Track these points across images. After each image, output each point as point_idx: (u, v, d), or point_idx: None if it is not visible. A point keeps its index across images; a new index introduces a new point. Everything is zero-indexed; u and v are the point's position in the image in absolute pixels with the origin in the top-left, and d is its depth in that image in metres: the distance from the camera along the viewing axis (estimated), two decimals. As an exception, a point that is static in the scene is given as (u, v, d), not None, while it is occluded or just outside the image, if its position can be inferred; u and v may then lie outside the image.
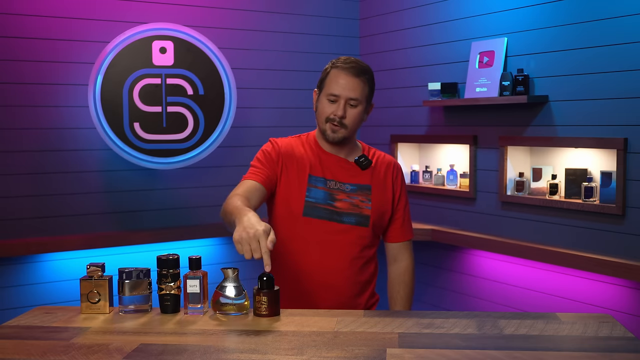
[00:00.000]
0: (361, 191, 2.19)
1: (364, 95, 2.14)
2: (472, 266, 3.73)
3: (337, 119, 2.11)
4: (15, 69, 3.46)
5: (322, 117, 2.15)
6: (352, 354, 1.55)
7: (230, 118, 3.74)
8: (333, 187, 2.17)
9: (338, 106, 2.12)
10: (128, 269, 1.89)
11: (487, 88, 3.45)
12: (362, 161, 2.21)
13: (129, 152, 3.55)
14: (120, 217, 3.75)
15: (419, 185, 3.99)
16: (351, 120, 2.14)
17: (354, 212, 2.17)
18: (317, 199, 2.15)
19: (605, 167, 3.05)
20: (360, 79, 2.13)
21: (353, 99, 2.12)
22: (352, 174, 2.21)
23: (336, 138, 2.15)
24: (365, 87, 2.15)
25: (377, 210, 2.21)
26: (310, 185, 2.16)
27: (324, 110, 2.14)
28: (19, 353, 1.57)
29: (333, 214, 2.15)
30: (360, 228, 2.18)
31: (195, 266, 1.89)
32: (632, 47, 2.88)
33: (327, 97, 2.14)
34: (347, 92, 2.11)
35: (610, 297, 3.04)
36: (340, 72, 2.13)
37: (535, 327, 1.74)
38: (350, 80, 2.12)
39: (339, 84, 2.12)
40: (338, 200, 2.16)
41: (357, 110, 2.14)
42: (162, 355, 1.55)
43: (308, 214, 2.14)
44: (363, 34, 4.38)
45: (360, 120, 2.17)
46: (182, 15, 3.82)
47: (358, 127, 2.19)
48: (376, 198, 2.21)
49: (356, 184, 2.20)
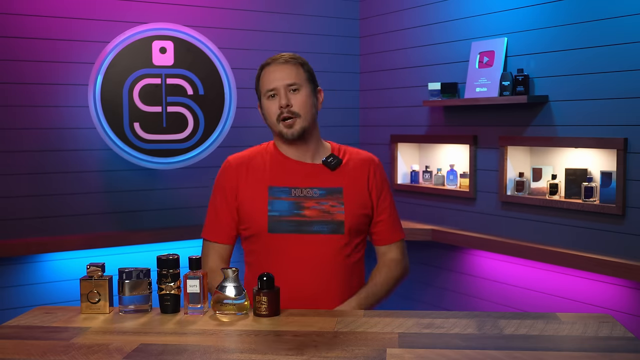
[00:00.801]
0: (331, 195, 2.03)
1: (301, 78, 2.03)
2: (472, 266, 3.73)
3: (284, 110, 2.00)
4: (15, 69, 3.46)
5: (271, 118, 2.04)
6: (352, 354, 1.55)
7: (230, 118, 3.74)
8: (299, 194, 2.02)
9: (280, 97, 2.01)
10: (128, 269, 1.89)
11: (487, 88, 3.45)
12: (331, 161, 2.06)
13: (129, 152, 3.54)
14: (120, 217, 3.75)
15: (419, 185, 3.99)
16: (300, 106, 2.01)
17: (326, 219, 2.01)
18: (282, 212, 2.01)
19: (605, 167, 3.05)
20: (291, 64, 2.03)
21: (291, 84, 2.01)
22: (320, 178, 2.05)
23: (295, 132, 2.01)
24: (300, 70, 2.03)
25: (353, 213, 2.03)
26: (271, 198, 2.02)
27: (270, 110, 2.03)
28: (19, 353, 1.57)
29: (301, 225, 2.00)
30: (334, 236, 2.01)
31: (195, 266, 1.88)
32: (632, 47, 2.88)
33: (266, 97, 2.04)
34: (282, 80, 2.01)
35: (610, 297, 3.04)
36: (269, 67, 2.05)
37: (535, 327, 1.74)
38: (280, 69, 2.02)
39: (271, 78, 2.02)
40: (306, 209, 2.01)
41: (302, 95, 2.02)
42: (162, 355, 1.55)
43: (274, 229, 2.00)
44: (363, 34, 4.38)
45: (311, 105, 2.04)
46: (182, 15, 3.82)
47: (313, 115, 2.05)
48: (350, 200, 2.04)
49: (325, 187, 2.04)
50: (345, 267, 2.04)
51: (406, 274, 2.18)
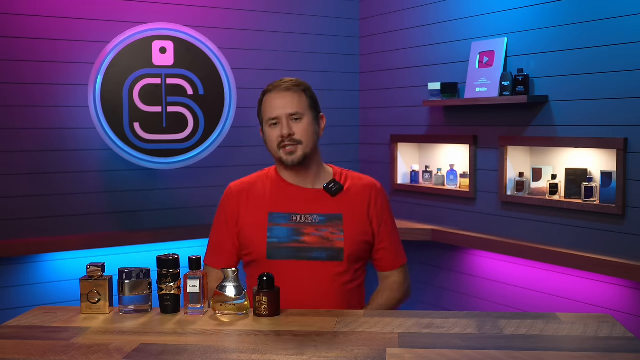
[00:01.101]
0: (331, 222, 2.03)
1: (304, 107, 2.03)
2: (472, 266, 3.73)
3: (285, 139, 2.00)
4: (15, 69, 3.46)
5: (272, 145, 2.04)
6: (352, 354, 1.55)
7: (230, 118, 3.74)
8: (298, 220, 2.02)
9: (281, 126, 2.01)
10: (128, 269, 1.89)
11: (487, 88, 3.45)
12: (332, 187, 2.05)
13: (129, 152, 3.54)
14: (120, 217, 3.75)
15: (419, 185, 3.99)
16: (302, 134, 2.01)
17: (325, 246, 2.01)
18: (281, 238, 2.01)
19: (605, 167, 3.05)
20: (293, 91, 2.03)
21: (293, 114, 2.01)
22: (320, 203, 2.04)
23: (295, 160, 2.02)
24: (302, 98, 2.04)
25: (352, 240, 2.03)
26: (270, 225, 2.02)
27: (271, 137, 2.04)
28: (19, 353, 1.57)
29: (300, 252, 2.00)
30: (333, 263, 2.01)
31: (195, 266, 1.89)
32: (632, 47, 2.88)
33: (268, 125, 2.04)
34: (284, 109, 2.01)
35: (610, 297, 3.04)
36: (271, 94, 2.05)
37: (535, 327, 1.74)
38: (283, 97, 2.02)
39: (273, 106, 2.03)
40: (306, 235, 2.01)
41: (304, 123, 2.02)
42: (162, 355, 1.55)
43: (272, 255, 2.01)
44: (363, 34, 4.38)
45: (313, 132, 2.05)
46: (182, 15, 3.82)
47: (315, 142, 2.06)
48: (350, 227, 2.03)
49: (325, 213, 2.03)
50: (344, 293, 2.04)
51: (407, 296, 2.21)
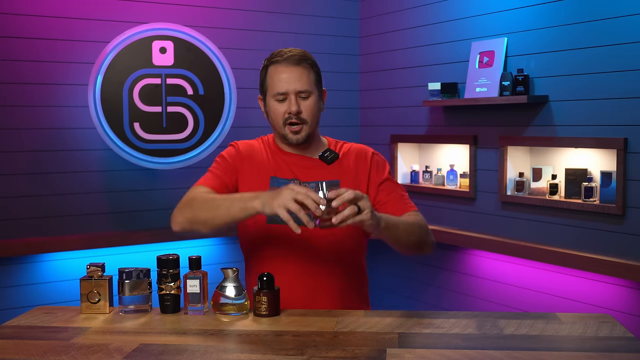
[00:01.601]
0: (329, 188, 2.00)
1: (312, 84, 1.97)
2: (472, 266, 3.73)
3: (293, 116, 1.95)
4: (15, 69, 3.46)
5: (277, 121, 1.99)
6: (352, 354, 1.55)
7: (230, 118, 3.74)
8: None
9: (290, 102, 1.95)
10: (128, 269, 1.89)
11: (487, 88, 3.45)
12: (327, 155, 2.03)
13: (129, 152, 3.55)
14: (120, 217, 3.75)
15: (419, 185, 3.99)
16: (309, 113, 1.97)
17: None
18: None
19: (605, 167, 3.05)
20: (302, 66, 1.96)
21: (302, 92, 1.96)
22: (317, 172, 2.02)
23: (300, 139, 1.98)
24: (311, 74, 1.98)
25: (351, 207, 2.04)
26: (272, 188, 1.96)
27: (277, 113, 1.98)
28: (19, 353, 1.57)
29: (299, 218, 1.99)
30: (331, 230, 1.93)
31: (195, 266, 1.89)
32: (632, 47, 2.88)
33: (274, 98, 1.97)
34: (294, 85, 1.95)
35: (610, 297, 3.04)
36: (279, 66, 1.97)
37: (535, 327, 1.74)
38: (293, 71, 1.95)
39: (282, 80, 1.95)
40: None
41: (311, 101, 1.97)
42: (162, 355, 1.55)
43: (273, 220, 1.93)
44: (363, 34, 4.38)
45: (318, 110, 2.01)
46: (182, 15, 3.82)
47: (318, 119, 2.02)
48: None
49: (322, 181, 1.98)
50: (343, 262, 2.01)
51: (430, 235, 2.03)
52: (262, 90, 2.05)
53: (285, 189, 1.69)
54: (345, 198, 1.67)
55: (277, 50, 2.02)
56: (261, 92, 2.05)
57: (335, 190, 1.70)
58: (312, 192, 1.67)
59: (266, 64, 2.02)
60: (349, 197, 1.68)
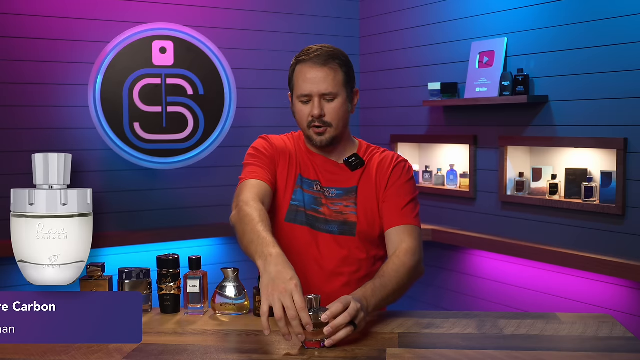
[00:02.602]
0: (347, 195, 1.94)
1: (338, 85, 1.88)
2: (472, 266, 3.73)
3: (315, 119, 1.88)
4: (15, 69, 3.46)
5: (302, 122, 1.92)
6: (352, 354, 1.55)
7: (230, 118, 3.74)
8: (319, 190, 1.94)
9: (313, 105, 1.88)
10: (128, 269, 1.89)
11: (487, 88, 3.44)
12: (352, 161, 1.96)
13: (129, 152, 3.54)
14: (120, 217, 3.75)
15: (419, 185, 3.99)
16: (333, 117, 1.89)
17: (338, 219, 1.92)
18: (303, 203, 1.92)
19: (605, 167, 3.05)
20: (329, 67, 1.87)
21: (327, 94, 1.87)
22: (340, 177, 1.96)
23: (324, 141, 1.91)
24: (339, 74, 1.88)
25: (366, 214, 1.92)
26: (297, 187, 1.93)
27: (301, 115, 1.90)
28: (19, 353, 1.57)
29: (316, 221, 1.92)
30: (345, 238, 1.91)
31: (195, 266, 1.88)
32: (632, 47, 2.88)
33: (299, 100, 1.90)
34: (318, 87, 1.86)
35: (610, 297, 3.04)
36: (305, 66, 1.88)
37: (535, 327, 1.74)
38: (318, 72, 1.86)
39: (306, 81, 1.87)
40: (323, 206, 1.93)
41: (337, 104, 1.89)
42: (162, 355, 1.55)
43: (290, 219, 1.92)
44: (363, 34, 4.38)
45: (345, 112, 1.92)
46: (182, 15, 3.82)
47: (346, 122, 1.94)
48: (363, 201, 1.93)
49: (342, 187, 1.94)
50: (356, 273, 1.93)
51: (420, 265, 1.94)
52: (290, 87, 1.97)
53: (285, 288, 1.52)
54: (337, 325, 1.54)
55: (307, 48, 1.93)
56: (290, 88, 1.97)
57: (329, 313, 1.54)
58: (304, 313, 1.50)
59: (294, 62, 1.94)
60: (343, 322, 1.55)
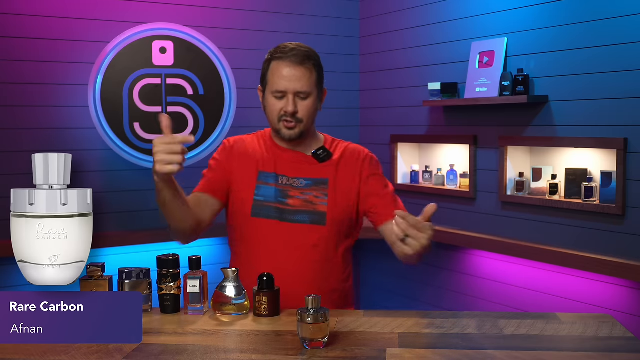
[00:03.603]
0: (316, 186, 2.02)
1: (312, 85, 1.97)
2: (472, 266, 3.73)
3: (289, 115, 1.97)
4: (15, 69, 3.46)
5: (273, 116, 2.00)
6: (352, 354, 1.55)
7: (230, 118, 3.74)
8: (285, 183, 2.02)
9: (287, 102, 1.96)
10: (128, 269, 1.89)
11: (487, 88, 3.45)
12: (320, 154, 2.05)
13: (129, 152, 3.55)
14: (120, 217, 3.75)
15: (419, 185, 3.99)
16: (305, 114, 1.98)
17: (308, 209, 2.00)
18: (267, 197, 2.00)
19: (605, 167, 3.05)
20: (305, 67, 1.96)
21: (301, 92, 1.96)
22: (308, 169, 2.03)
23: (293, 135, 1.99)
24: (313, 75, 1.98)
25: (337, 205, 2.01)
26: (259, 183, 2.02)
27: (273, 109, 1.99)
28: (19, 353, 1.57)
29: (284, 213, 1.99)
30: (315, 227, 1.99)
31: (195, 266, 1.89)
32: (632, 47, 2.88)
33: (273, 95, 1.98)
34: (294, 85, 1.95)
35: (610, 297, 3.04)
36: (281, 63, 1.96)
37: (535, 327, 1.74)
38: (295, 71, 1.95)
39: (282, 78, 1.95)
40: (290, 198, 2.00)
41: (309, 102, 1.98)
42: (162, 355, 1.55)
43: (256, 213, 2.00)
44: (363, 34, 4.38)
45: (315, 110, 2.02)
46: (182, 15, 3.82)
47: (314, 118, 2.04)
48: (335, 192, 2.01)
49: (311, 178, 2.02)
50: (325, 262, 2.01)
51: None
52: (262, 83, 2.05)
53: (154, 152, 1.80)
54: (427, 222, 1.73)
55: (282, 44, 2.02)
56: (261, 83, 2.06)
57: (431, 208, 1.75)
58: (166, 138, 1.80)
59: (269, 58, 2.02)
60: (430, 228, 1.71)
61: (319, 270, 2.00)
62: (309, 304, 1.57)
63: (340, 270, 2.06)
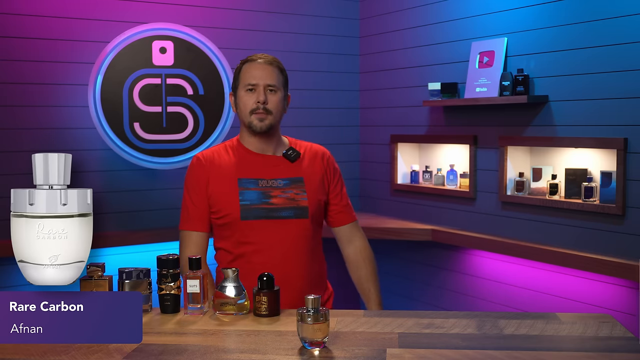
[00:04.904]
0: (294, 184, 2.23)
1: (280, 82, 2.22)
2: (472, 266, 3.73)
3: (260, 105, 2.17)
4: (15, 69, 3.46)
5: (245, 110, 2.20)
6: (352, 354, 1.55)
7: (230, 118, 3.74)
8: (265, 185, 2.21)
9: (258, 93, 2.18)
10: (128, 269, 1.89)
11: (487, 88, 3.45)
12: (290, 154, 2.25)
13: (129, 152, 3.55)
14: (120, 217, 3.75)
15: (419, 185, 3.99)
16: (274, 106, 2.19)
17: (292, 205, 2.20)
18: (252, 200, 2.18)
19: (605, 167, 3.05)
20: (273, 66, 2.21)
21: (271, 85, 2.19)
22: (282, 169, 2.24)
23: (264, 127, 2.18)
24: (280, 75, 2.23)
25: (314, 200, 2.23)
26: (241, 189, 2.19)
27: (246, 103, 2.19)
28: (19, 353, 1.58)
29: (271, 211, 2.18)
30: (300, 220, 2.20)
31: (195, 266, 1.89)
32: (632, 47, 2.88)
33: (245, 89, 2.19)
34: (264, 79, 2.18)
35: (610, 297, 3.04)
36: (253, 64, 2.21)
37: (535, 327, 1.74)
38: (265, 69, 2.19)
39: (254, 74, 2.19)
40: (273, 197, 2.20)
41: (277, 97, 2.20)
42: (162, 355, 1.55)
43: (246, 216, 2.16)
44: (363, 34, 4.38)
45: (282, 107, 2.24)
46: (182, 15, 3.82)
47: (281, 116, 2.24)
48: (311, 188, 2.24)
49: (288, 177, 2.24)
50: (309, 249, 2.22)
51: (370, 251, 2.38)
52: (234, 87, 2.26)
53: None
54: None
55: (252, 55, 2.27)
56: (233, 88, 2.26)
57: None
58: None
59: (240, 65, 2.25)
60: None
61: (309, 258, 2.22)
62: (309, 304, 1.57)
63: (320, 254, 2.31)
